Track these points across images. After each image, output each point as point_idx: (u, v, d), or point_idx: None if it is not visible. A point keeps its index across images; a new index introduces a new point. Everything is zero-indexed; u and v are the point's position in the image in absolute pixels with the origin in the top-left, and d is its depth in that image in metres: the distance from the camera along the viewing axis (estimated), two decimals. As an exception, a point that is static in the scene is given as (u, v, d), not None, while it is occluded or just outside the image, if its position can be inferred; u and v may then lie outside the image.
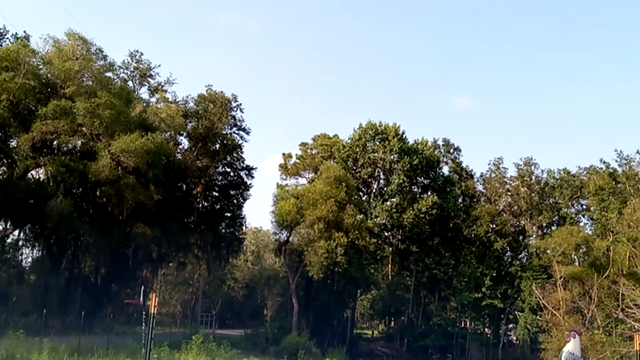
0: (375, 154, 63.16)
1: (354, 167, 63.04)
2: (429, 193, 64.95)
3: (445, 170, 70.47)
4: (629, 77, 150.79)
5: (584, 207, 69.71)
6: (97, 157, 38.63)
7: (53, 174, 39.44)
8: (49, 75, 40.98)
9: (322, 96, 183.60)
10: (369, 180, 64.03)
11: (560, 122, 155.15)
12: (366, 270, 55.46)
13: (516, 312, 63.99)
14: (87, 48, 43.02)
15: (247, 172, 59.21)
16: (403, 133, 63.85)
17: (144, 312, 19.07)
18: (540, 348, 55.81)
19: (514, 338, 67.63)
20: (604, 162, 65.16)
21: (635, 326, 45.98)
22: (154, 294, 17.39)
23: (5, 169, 39.68)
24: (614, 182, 63.29)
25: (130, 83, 53.16)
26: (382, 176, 64.52)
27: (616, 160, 63.14)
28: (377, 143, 63.57)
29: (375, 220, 61.30)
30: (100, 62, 44.88)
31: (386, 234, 66.02)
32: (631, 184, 60.37)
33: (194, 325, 53.14)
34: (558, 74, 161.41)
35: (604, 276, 54.12)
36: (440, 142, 71.66)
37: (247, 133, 58.35)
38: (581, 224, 67.06)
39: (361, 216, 53.27)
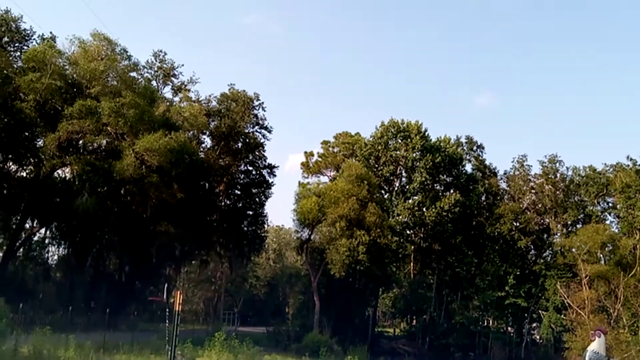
0: (397, 152, 62.81)
1: (376, 165, 62.79)
2: (452, 191, 64.33)
3: (468, 168, 69.83)
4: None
5: (610, 204, 68.52)
6: (121, 156, 39.18)
7: (78, 173, 40.15)
8: (74, 75, 41.70)
9: (344, 95, 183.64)
10: (391, 178, 63.71)
11: (584, 119, 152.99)
12: (388, 269, 55.29)
13: (540, 311, 63.19)
14: (111, 48, 43.68)
15: (269, 171, 59.50)
16: (425, 131, 63.40)
17: (167, 310, 19.28)
18: (564, 347, 55.12)
19: (538, 337, 66.83)
20: (631, 159, 63.87)
21: (662, 326, 45.23)
22: (178, 292, 17.58)
23: (32, 168, 40.46)
24: (641, 180, 62.17)
25: (154, 83, 53.76)
26: (404, 174, 64.14)
27: (643, 157, 61.93)
28: (399, 141, 63.22)
29: (397, 218, 61.04)
30: (125, 62, 45.56)
31: (408, 232, 65.65)
32: (658, 181, 59.23)
33: (216, 322, 53.57)
34: (581, 71, 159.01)
35: (630, 275, 53.28)
36: (463, 140, 71.06)
37: (269, 132, 58.66)
38: (607, 222, 65.98)
39: (383, 214, 53.11)
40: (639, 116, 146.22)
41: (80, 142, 41.39)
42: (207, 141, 57.04)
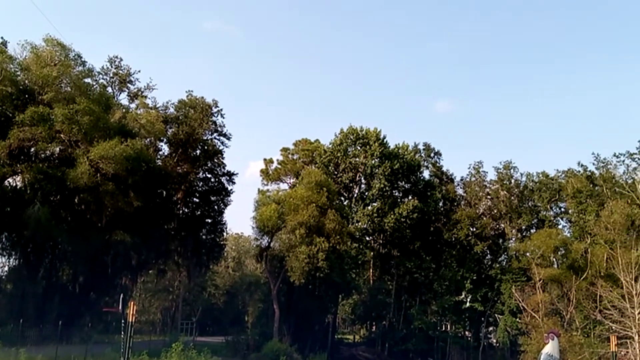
0: (357, 159, 63.37)
1: (335, 172, 63.18)
2: (410, 197, 65.28)
3: (426, 174, 71.12)
4: (606, 82, 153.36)
5: (562, 209, 70.61)
6: (75, 163, 38.25)
7: (30, 181, 38.98)
8: (26, 81, 40.55)
9: (304, 102, 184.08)
10: (350, 185, 64.20)
11: (539, 126, 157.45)
12: (347, 275, 55.52)
13: (496, 315, 64.47)
14: (65, 54, 42.68)
15: (228, 178, 59.01)
16: (384, 138, 64.23)
17: (122, 321, 18.92)
18: (520, 350, 56.37)
19: (494, 341, 68.14)
20: (582, 165, 66.10)
21: (613, 327, 46.64)
22: (132, 302, 17.27)
23: (-19, 176, 39.04)
24: (591, 185, 64.21)
25: (109, 89, 52.65)
26: (363, 181, 64.75)
27: (593, 163, 64.08)
28: (359, 148, 63.84)
29: (356, 224, 61.47)
30: (79, 68, 44.65)
31: (367, 238, 66.25)
32: (608, 186, 61.27)
33: (174, 332, 52.70)
34: (537, 78, 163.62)
35: (582, 278, 54.85)
36: (421, 147, 72.32)
37: (228, 139, 58.20)
38: (559, 227, 67.93)
39: (343, 221, 53.35)
40: (590, 123, 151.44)
41: (32, 149, 40.23)
42: (165, 148, 56.25)
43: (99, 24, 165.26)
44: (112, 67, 53.52)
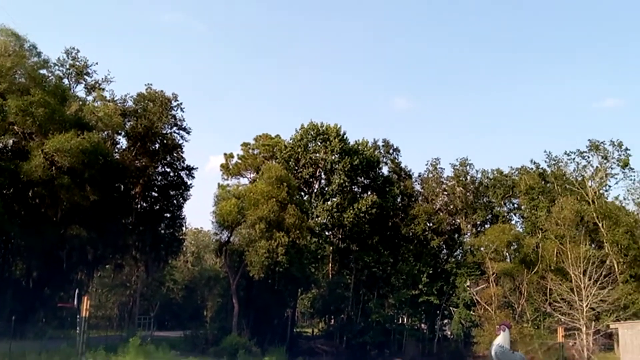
0: (317, 154, 63.82)
1: (296, 167, 63.45)
2: (369, 193, 66.08)
3: (385, 170, 72.06)
4: (558, 81, 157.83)
5: (516, 205, 72.83)
6: (29, 156, 37.60)
7: (-18, 174, 38.02)
8: (-22, 72, 39.48)
9: (265, 97, 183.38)
10: (311, 180, 64.62)
11: (494, 123, 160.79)
12: (307, 270, 55.91)
13: (451, 308, 66.02)
14: (20, 44, 41.72)
15: (187, 172, 58.57)
16: (344, 134, 64.82)
17: (78, 316, 18.86)
18: (473, 342, 58.15)
19: (449, 333, 69.74)
20: (535, 163, 68.41)
21: (562, 319, 48.58)
22: (85, 297, 17.26)
23: None
24: (543, 182, 66.50)
25: (65, 81, 51.60)
26: (323, 176, 65.24)
27: (545, 161, 66.42)
28: (319, 143, 64.28)
29: (316, 219, 61.92)
30: (34, 59, 43.70)
31: (327, 233, 66.80)
32: (559, 183, 63.55)
33: (131, 327, 52.19)
34: (492, 77, 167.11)
35: (533, 272, 56.85)
36: (380, 143, 73.27)
37: (188, 133, 57.77)
38: (513, 222, 70.16)
39: (302, 216, 53.72)
40: (543, 121, 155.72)
41: (-16, 141, 39.35)
42: (123, 142, 55.44)
43: (55, 15, 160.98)
44: (68, 58, 52.48)
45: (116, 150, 53.32)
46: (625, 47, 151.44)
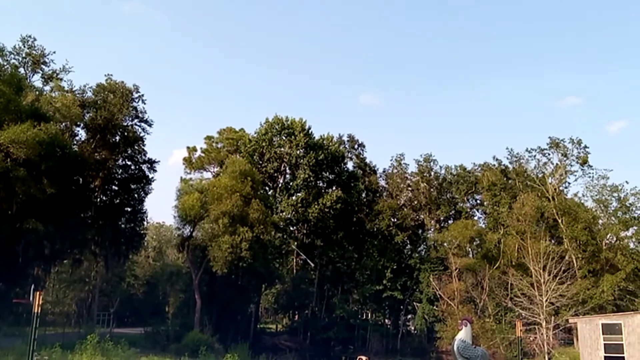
0: (282, 149, 63.39)
1: (260, 162, 62.95)
2: (334, 188, 66.02)
3: (350, 165, 72.08)
4: (521, 79, 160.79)
5: (478, 201, 73.77)
6: (-17, 147, 36.19)
7: None
8: None
9: (230, 90, 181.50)
10: (275, 174, 64.18)
11: (458, 120, 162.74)
12: (271, 265, 55.59)
13: (415, 303, 66.45)
14: (-28, 31, 40.13)
15: (149, 166, 57.37)
16: (309, 128, 64.55)
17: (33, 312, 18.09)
18: (436, 337, 58.71)
19: (412, 328, 70.32)
20: (497, 159, 69.36)
21: (523, 314, 49.39)
22: (38, 292, 16.53)
23: None
24: (505, 178, 67.49)
25: (21, 70, 49.98)
26: (288, 171, 64.90)
27: (507, 158, 67.41)
28: (284, 138, 63.87)
29: (280, 214, 61.57)
30: (-12, 47, 42.11)
31: (291, 228, 66.56)
32: (520, 180, 64.61)
33: (89, 324, 50.92)
34: (457, 73, 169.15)
35: (495, 267, 57.68)
36: (345, 138, 73.20)
37: (150, 125, 56.63)
38: (475, 218, 70.95)
39: (267, 210, 53.26)
40: (505, 118, 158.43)
41: None
42: (82, 134, 54.02)
43: (11, 2, 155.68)
44: (24, 47, 50.88)
45: (75, 143, 51.92)
46: (586, 45, 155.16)
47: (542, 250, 49.30)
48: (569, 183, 63.37)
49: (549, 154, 62.03)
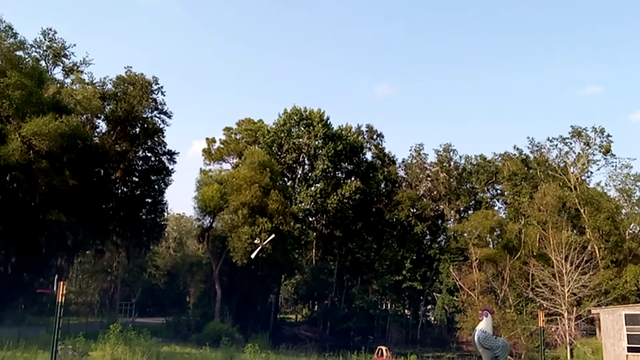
0: (300, 140, 63.31)
1: (279, 153, 62.97)
2: (353, 178, 65.85)
3: (369, 156, 71.96)
4: (541, 68, 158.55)
5: (499, 191, 73.17)
6: (6, 140, 36.81)
7: (-43, 158, 37.09)
8: (-48, 53, 38.43)
9: (248, 82, 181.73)
10: (294, 165, 64.17)
11: (478, 109, 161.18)
12: (290, 256, 55.69)
13: (434, 294, 66.27)
14: (-5, 25, 40.64)
15: (168, 157, 57.80)
16: (327, 119, 64.35)
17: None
18: (456, 327, 58.42)
19: (432, 318, 70.14)
20: (517, 149, 68.70)
21: (544, 304, 48.91)
22: (62, 282, 16.68)
23: None
24: (526, 168, 66.82)
25: (42, 63, 50.46)
26: (306, 161, 64.81)
27: (528, 147, 66.79)
28: (302, 128, 63.75)
29: (299, 205, 61.60)
30: (10, 40, 42.82)
31: (310, 219, 66.56)
32: (541, 169, 63.89)
33: (112, 314, 51.65)
34: (475, 63, 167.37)
35: (515, 257, 57.17)
36: (363, 128, 73.01)
37: (169, 117, 56.94)
38: (495, 208, 70.54)
39: (286, 201, 53.31)
40: (526, 108, 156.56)
41: (-41, 124, 38.29)
42: (102, 126, 54.49)
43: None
44: (45, 39, 51.31)
45: (95, 134, 52.41)
46: (606, 35, 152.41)
47: (564, 241, 48.70)
48: (592, 172, 62.64)
49: (570, 143, 61.29)
